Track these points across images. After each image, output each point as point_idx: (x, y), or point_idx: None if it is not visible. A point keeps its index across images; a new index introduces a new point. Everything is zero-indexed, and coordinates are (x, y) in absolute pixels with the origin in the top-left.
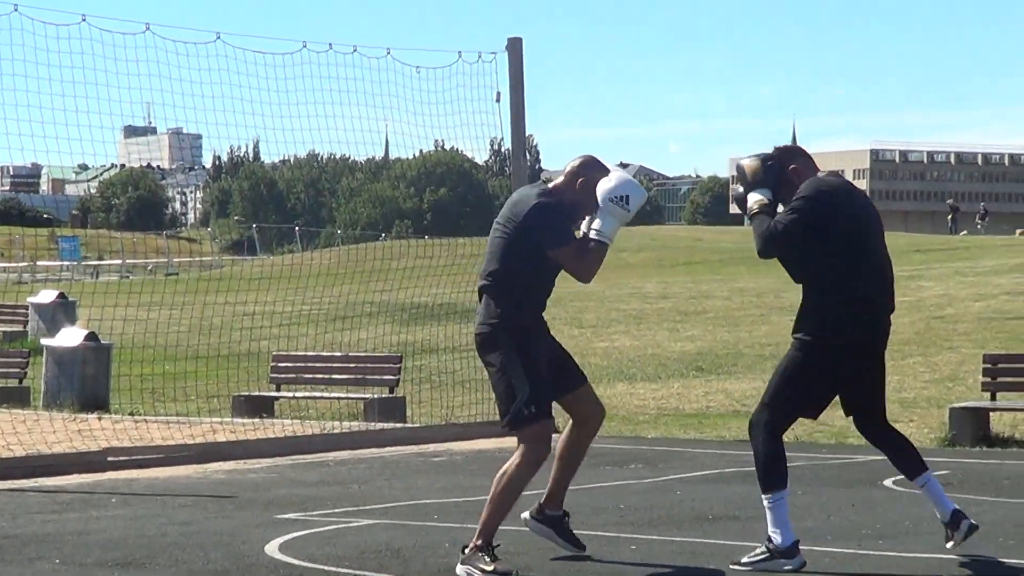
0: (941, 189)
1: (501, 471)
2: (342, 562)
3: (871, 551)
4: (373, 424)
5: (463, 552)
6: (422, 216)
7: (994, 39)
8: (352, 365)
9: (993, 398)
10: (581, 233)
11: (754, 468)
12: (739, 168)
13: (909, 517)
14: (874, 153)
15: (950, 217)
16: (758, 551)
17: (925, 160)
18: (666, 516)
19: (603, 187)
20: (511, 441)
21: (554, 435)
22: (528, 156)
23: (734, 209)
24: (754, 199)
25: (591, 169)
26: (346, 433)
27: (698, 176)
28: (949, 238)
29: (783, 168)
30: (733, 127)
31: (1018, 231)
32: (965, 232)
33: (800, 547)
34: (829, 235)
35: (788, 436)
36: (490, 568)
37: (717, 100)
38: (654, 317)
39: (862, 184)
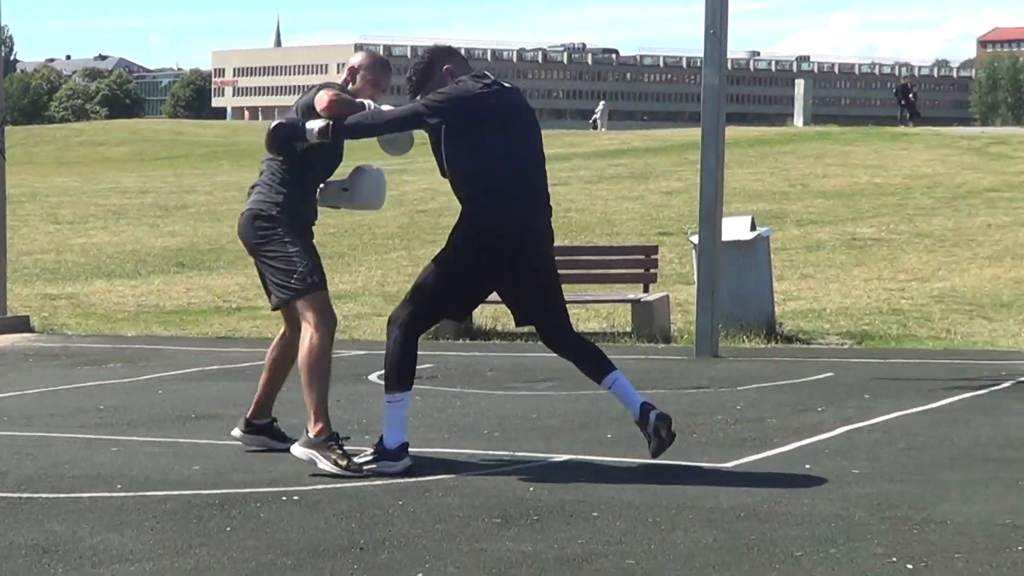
0: None
1: (301, 357)
2: None
3: (357, 446)
4: None
5: (305, 434)
6: None
7: None
8: None
9: None
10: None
11: (238, 365)
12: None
13: None
14: (359, 47)
15: None
16: (367, 452)
17: (409, 55)
18: (147, 416)
19: (364, 180)
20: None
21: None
22: (3, 47)
23: (217, 102)
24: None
25: (364, 59)
26: None
27: (180, 69)
28: None
29: (435, 67)
30: (215, 20)
31: None
32: None
33: (286, 443)
34: (467, 133)
35: (271, 332)
36: (344, 463)
37: None
38: (134, 212)
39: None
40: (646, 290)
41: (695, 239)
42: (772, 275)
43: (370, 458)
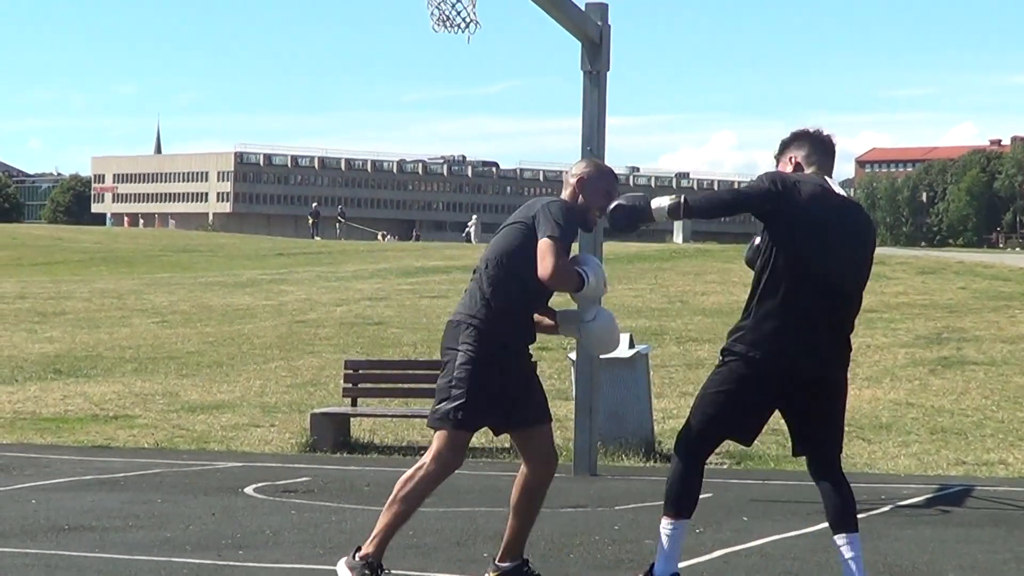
0: (305, 193)
1: (406, 475)
2: None
3: (232, 561)
4: None
5: (353, 554)
6: None
7: (369, 47)
8: None
9: (354, 404)
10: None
11: (115, 475)
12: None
13: (269, 526)
14: (239, 156)
15: (312, 222)
16: None
17: (289, 164)
18: (19, 527)
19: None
20: None
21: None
22: None
23: (96, 208)
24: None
25: (592, 168)
26: None
27: (60, 174)
28: (311, 242)
29: (788, 150)
30: (95, 125)
31: (381, 234)
32: (319, 237)
33: (160, 557)
34: (786, 237)
35: (147, 441)
36: None
37: (78, 97)
38: (11, 318)
39: (226, 187)
40: None
41: (573, 355)
42: (651, 392)
43: None
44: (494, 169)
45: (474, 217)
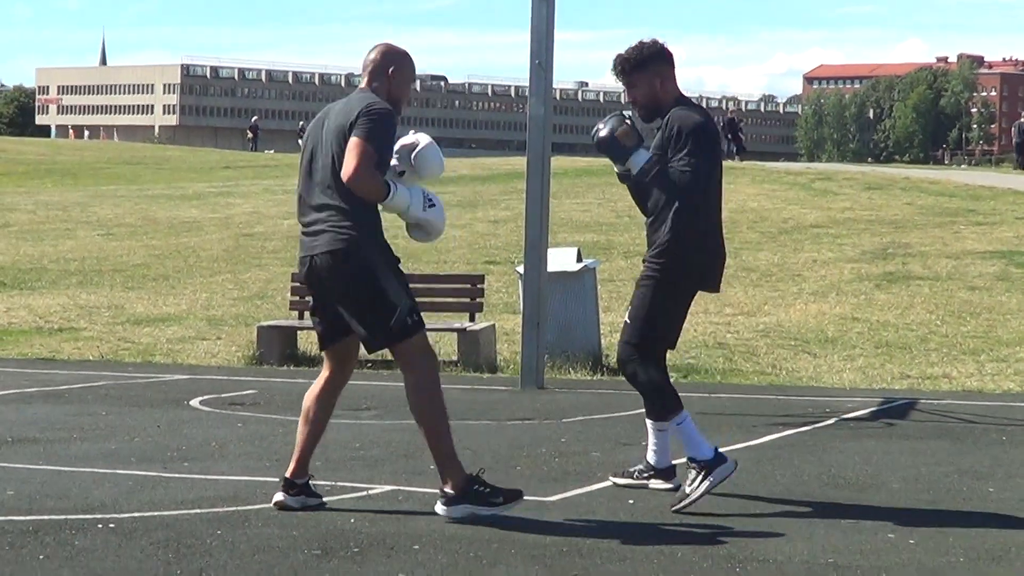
0: (252, 106)
1: (413, 406)
2: None
3: (177, 473)
4: None
5: (444, 498)
6: None
7: None
8: None
9: (301, 317)
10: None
11: (59, 387)
12: (606, 142)
13: (215, 438)
14: (185, 68)
15: (250, 136)
16: (692, 478)
17: (236, 77)
18: None
19: (426, 163)
20: None
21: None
22: None
23: (41, 120)
24: (640, 162)
25: (398, 57)
26: None
27: (3, 85)
28: (258, 155)
29: (650, 64)
30: (39, 37)
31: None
32: (272, 151)
33: (106, 469)
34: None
35: (92, 354)
36: (499, 499)
37: (23, 8)
38: None
39: (172, 99)
40: (472, 319)
41: (521, 269)
42: (599, 306)
43: (700, 479)
44: (442, 83)
45: (411, 132)
